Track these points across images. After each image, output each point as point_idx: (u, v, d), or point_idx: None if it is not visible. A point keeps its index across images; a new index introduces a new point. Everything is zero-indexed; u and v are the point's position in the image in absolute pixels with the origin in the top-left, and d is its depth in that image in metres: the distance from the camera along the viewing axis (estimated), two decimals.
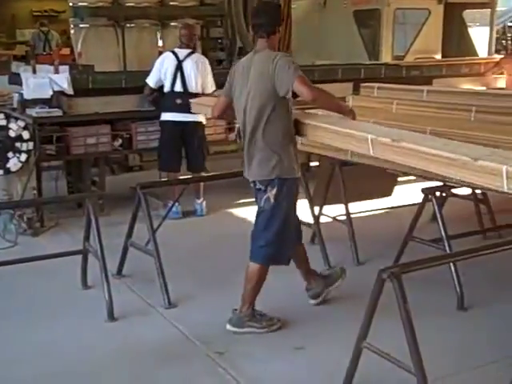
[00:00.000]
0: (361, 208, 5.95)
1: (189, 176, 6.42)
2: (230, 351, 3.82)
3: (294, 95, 3.76)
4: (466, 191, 5.46)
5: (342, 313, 4.21)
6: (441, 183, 4.52)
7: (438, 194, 4.77)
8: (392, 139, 3.35)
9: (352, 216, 5.41)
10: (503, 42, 17.33)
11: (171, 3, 9.40)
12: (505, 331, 3.97)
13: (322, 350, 3.84)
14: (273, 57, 3.76)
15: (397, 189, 6.25)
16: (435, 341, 3.84)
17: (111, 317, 4.25)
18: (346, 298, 4.48)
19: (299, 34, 10.87)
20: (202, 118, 6.40)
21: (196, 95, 6.27)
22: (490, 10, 10.67)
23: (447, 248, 4.30)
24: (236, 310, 4.14)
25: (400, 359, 3.00)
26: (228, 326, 4.11)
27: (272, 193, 3.90)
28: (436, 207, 4.46)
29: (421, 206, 4.66)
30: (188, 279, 4.93)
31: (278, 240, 4.00)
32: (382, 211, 6.16)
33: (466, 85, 8.66)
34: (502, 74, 9.16)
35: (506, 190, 2.82)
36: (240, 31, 11.41)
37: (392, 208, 6.20)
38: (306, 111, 4.30)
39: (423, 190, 4.54)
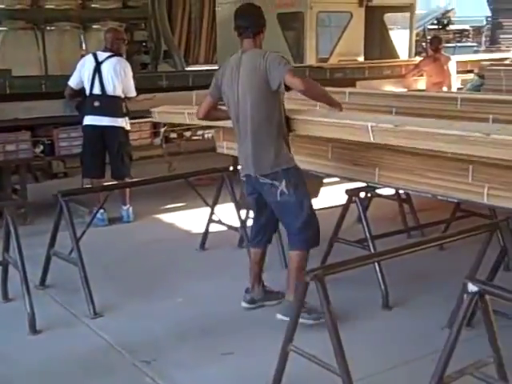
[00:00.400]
0: None
1: (113, 182, 6.29)
2: (158, 360, 3.76)
3: (287, 88, 3.91)
4: (389, 192, 5.56)
5: (271, 316, 4.20)
6: (364, 184, 4.59)
7: (362, 194, 4.85)
8: (394, 125, 3.56)
9: None
10: (423, 44, 17.75)
11: (93, 5, 9.27)
12: (429, 329, 4.04)
13: (251, 354, 3.82)
14: (263, 54, 3.94)
15: (322, 191, 6.30)
16: (361, 340, 3.89)
17: (33, 329, 4.12)
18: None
19: (225, 37, 10.86)
20: (123, 123, 6.30)
21: (115, 98, 6.18)
22: (409, 13, 10.91)
23: (371, 248, 4.36)
24: (284, 299, 4.19)
25: (326, 361, 3.02)
26: (278, 316, 4.08)
27: (283, 185, 4.01)
28: (360, 208, 4.52)
29: (345, 208, 4.71)
30: (114, 287, 4.85)
31: (310, 223, 4.12)
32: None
33: (388, 87, 8.85)
34: (421, 75, 9.40)
35: None
36: (165, 34, 11.35)
37: (318, 210, 6.22)
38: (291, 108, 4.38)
39: (347, 192, 4.59)
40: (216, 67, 11.44)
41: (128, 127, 6.41)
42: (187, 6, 13.29)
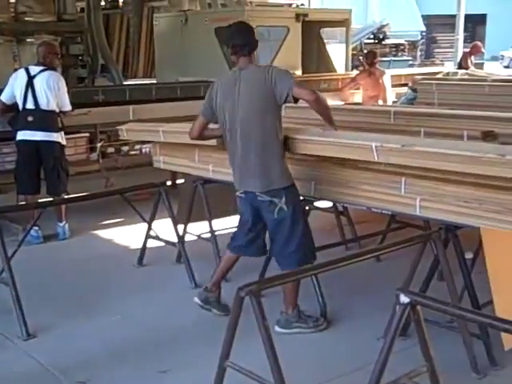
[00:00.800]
0: (226, 224, 5.96)
1: (49, 199, 6.16)
2: (92, 380, 3.69)
3: (295, 100, 3.98)
4: (327, 204, 5.61)
5: (210, 332, 4.17)
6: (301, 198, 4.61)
7: None
8: (401, 145, 3.62)
9: (217, 233, 5.42)
10: (360, 58, 18.06)
11: (26, 19, 9.08)
12: (366, 340, 4.07)
13: (188, 371, 3.78)
14: (266, 68, 4.02)
15: None
16: (298, 353, 3.91)
17: None
18: (211, 317, 4.46)
19: (162, 50, 10.82)
20: (58, 138, 6.19)
21: (49, 113, 6.07)
22: (345, 28, 11.09)
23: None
24: (282, 312, 4.23)
25: (264, 376, 3.00)
26: (277, 328, 4.15)
27: (282, 202, 4.05)
28: None
29: None
30: (49, 307, 4.73)
31: (306, 241, 4.20)
32: None
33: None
34: (358, 89, 9.55)
35: None
36: (102, 48, 11.24)
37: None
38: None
39: None
40: (154, 81, 11.44)
41: (64, 142, 6.30)
42: (125, 19, 13.21)
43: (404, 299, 2.66)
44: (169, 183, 7.43)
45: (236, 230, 4.51)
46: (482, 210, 3.55)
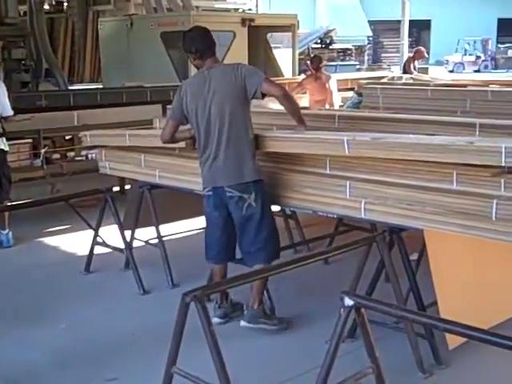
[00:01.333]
0: (175, 229, 5.94)
1: None
2: None
3: (262, 95, 4.07)
4: (275, 208, 5.62)
5: (158, 338, 4.12)
6: None
7: None
8: (371, 138, 3.70)
9: (165, 238, 5.39)
10: (308, 62, 18.19)
11: None
12: (314, 343, 4.07)
13: (136, 379, 3.75)
14: (235, 65, 4.11)
15: None
16: (246, 358, 3.91)
17: None
18: (163, 322, 4.41)
19: (108, 55, 10.73)
20: (0, 144, 6.05)
21: None
22: (291, 33, 11.17)
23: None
24: (248, 307, 4.29)
25: (210, 381, 2.99)
26: (243, 323, 4.26)
27: (251, 198, 4.10)
28: None
29: None
30: None
31: (274, 237, 4.28)
32: (196, 231, 6.17)
33: (275, 104, 8.97)
34: (304, 93, 9.62)
35: (503, 164, 3.25)
36: (45, 52, 11.06)
37: (202, 229, 6.23)
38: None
39: None
40: (100, 85, 11.31)
41: (6, 148, 6.16)
42: (70, 23, 13.04)
43: (348, 302, 2.69)
44: (117, 189, 7.40)
45: (206, 238, 4.48)
46: (424, 212, 3.61)
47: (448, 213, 3.51)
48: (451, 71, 36.71)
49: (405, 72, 12.18)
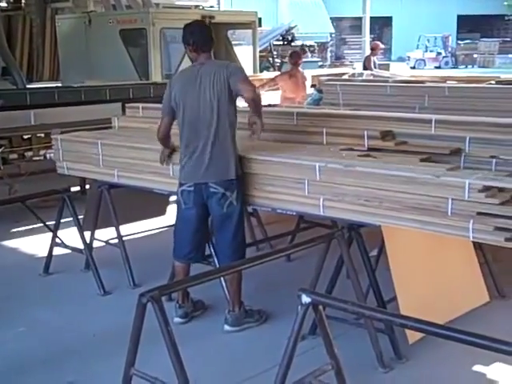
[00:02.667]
0: (135, 229, 5.89)
1: None
2: None
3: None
4: None
5: (118, 340, 4.08)
6: None
7: None
8: (344, 165, 3.75)
9: (126, 238, 5.34)
10: (270, 59, 18.24)
11: None
12: (276, 341, 4.04)
13: (95, 381, 3.72)
14: (225, 64, 4.23)
15: (170, 208, 6.26)
16: (206, 358, 3.90)
17: None
18: (124, 323, 4.35)
19: (66, 53, 10.59)
20: None
21: None
22: (251, 30, 11.16)
23: (216, 263, 4.37)
24: (230, 311, 4.30)
25: (170, 382, 2.96)
26: (227, 327, 4.28)
27: (233, 196, 4.13)
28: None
29: None
30: None
31: (244, 240, 4.35)
32: (157, 231, 6.14)
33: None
34: (277, 90, 9.60)
35: (466, 199, 3.28)
36: (2, 50, 10.86)
37: (167, 227, 6.20)
38: None
39: None
40: (58, 84, 11.14)
41: None
42: (27, 21, 12.83)
43: (305, 299, 2.69)
44: (77, 189, 7.31)
45: (176, 236, 4.43)
46: (382, 208, 3.63)
47: (404, 209, 3.54)
48: (413, 67, 37.11)
49: (365, 69, 12.26)
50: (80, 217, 5.37)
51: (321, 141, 4.43)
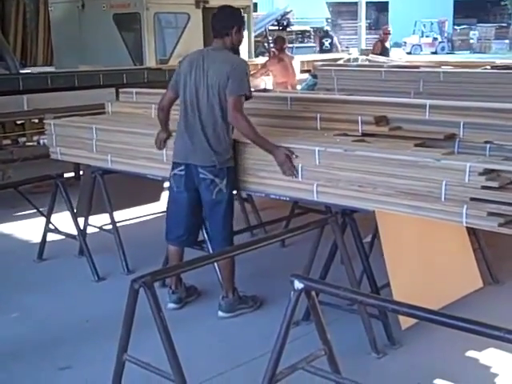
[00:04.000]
0: (130, 215, 5.87)
1: None
2: None
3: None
4: None
5: (111, 326, 4.07)
6: None
7: None
8: (344, 149, 3.72)
9: (120, 224, 5.33)
10: (265, 45, 18.12)
11: None
12: (271, 326, 4.02)
13: (89, 366, 3.71)
14: (232, 59, 4.13)
15: (164, 194, 6.24)
16: (201, 343, 3.90)
17: None
18: (118, 309, 4.35)
19: (60, 38, 10.52)
20: None
21: None
22: (246, 14, 11.09)
23: (210, 249, 4.36)
24: (224, 297, 4.30)
25: (163, 368, 2.96)
26: (221, 314, 4.28)
27: (223, 183, 4.12)
28: None
29: None
30: None
31: (232, 228, 4.34)
32: (152, 217, 6.12)
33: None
34: (268, 75, 9.59)
35: (466, 183, 3.25)
36: None
37: (161, 213, 6.17)
38: None
39: None
40: (52, 69, 11.07)
41: None
42: (21, 5, 12.72)
43: (298, 285, 2.68)
44: (71, 175, 7.28)
45: (168, 219, 4.44)
46: (375, 193, 3.62)
47: (398, 194, 3.52)
48: (409, 53, 37.03)
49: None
50: (74, 203, 5.36)
51: (315, 126, 4.41)
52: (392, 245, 3.85)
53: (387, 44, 12.63)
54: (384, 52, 12.15)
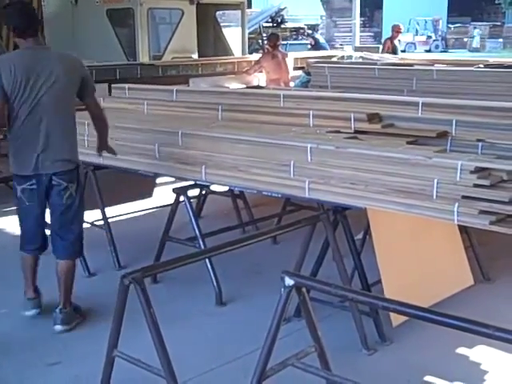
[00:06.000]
0: (121, 211, 5.86)
1: None
2: None
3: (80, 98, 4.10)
4: (224, 188, 5.59)
5: (101, 322, 4.07)
6: (192, 182, 4.58)
7: (194, 192, 4.81)
8: (336, 146, 3.70)
9: (111, 220, 5.31)
10: (259, 41, 18.07)
11: None
12: (263, 322, 4.06)
13: (79, 363, 3.69)
14: (73, 59, 4.11)
15: (157, 190, 6.24)
16: (193, 339, 3.90)
17: None
18: (109, 305, 4.35)
19: (53, 33, 10.44)
20: None
21: None
22: (240, 11, 11.09)
23: (201, 245, 4.35)
24: (61, 309, 4.11)
25: (155, 364, 2.95)
26: (59, 327, 4.06)
27: (73, 187, 4.04)
28: (188, 206, 4.49)
29: (174, 206, 4.67)
30: None
31: (82, 233, 4.23)
32: (143, 213, 6.11)
33: (228, 83, 8.94)
34: (261, 72, 9.58)
35: (458, 181, 3.24)
36: None
37: (153, 209, 6.18)
38: None
39: (174, 190, 4.56)
40: None
41: None
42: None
43: (289, 282, 2.68)
44: None
45: (26, 232, 4.26)
46: (367, 191, 3.62)
47: (390, 192, 3.52)
48: (403, 51, 36.85)
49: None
50: None
51: (307, 123, 4.41)
52: (383, 242, 3.85)
53: (396, 42, 12.58)
54: (394, 50, 12.11)
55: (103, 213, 5.17)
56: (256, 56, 11.35)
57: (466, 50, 38.06)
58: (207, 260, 4.29)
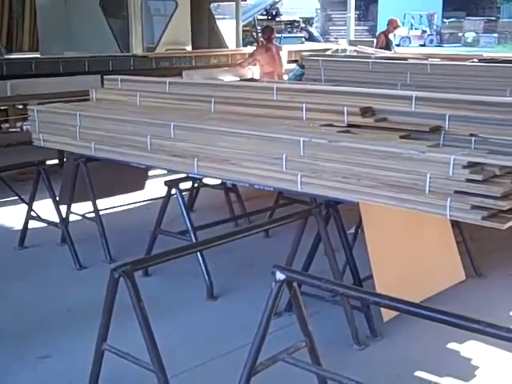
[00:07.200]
0: (113, 203, 5.83)
1: None
2: None
3: None
4: (216, 181, 5.57)
5: (92, 315, 4.03)
6: (184, 175, 4.56)
7: (186, 185, 4.79)
8: (328, 140, 3.65)
9: (103, 212, 5.29)
10: (254, 34, 18.02)
11: None
12: (254, 317, 4.04)
13: (69, 356, 3.68)
14: None
15: (150, 182, 6.21)
16: (183, 333, 3.88)
17: None
18: (99, 298, 4.32)
19: (46, 23, 10.42)
20: None
21: None
22: (234, 3, 11.04)
23: (193, 238, 4.33)
24: None
25: (143, 358, 2.93)
26: None
27: None
28: (179, 199, 4.47)
29: (166, 199, 4.64)
30: None
31: None
32: (136, 205, 6.08)
33: (222, 75, 8.92)
34: (255, 65, 9.56)
35: (451, 176, 3.22)
36: None
37: (145, 201, 6.15)
38: None
39: (166, 183, 4.53)
40: (38, 55, 10.97)
41: None
42: None
43: (280, 276, 2.66)
44: (55, 162, 7.21)
45: None
46: (359, 185, 3.59)
47: (382, 186, 3.50)
48: (398, 45, 36.89)
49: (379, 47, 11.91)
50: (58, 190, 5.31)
51: (300, 116, 4.38)
52: (376, 236, 3.83)
53: (391, 36, 12.44)
54: (388, 44, 11.97)
55: (95, 205, 5.14)
56: (250, 49, 11.33)
57: (460, 45, 38.04)
58: (199, 253, 4.27)
